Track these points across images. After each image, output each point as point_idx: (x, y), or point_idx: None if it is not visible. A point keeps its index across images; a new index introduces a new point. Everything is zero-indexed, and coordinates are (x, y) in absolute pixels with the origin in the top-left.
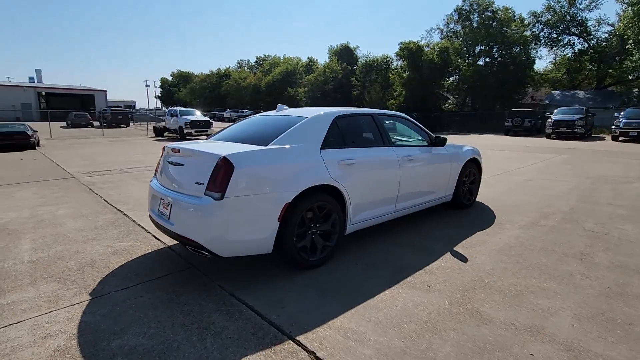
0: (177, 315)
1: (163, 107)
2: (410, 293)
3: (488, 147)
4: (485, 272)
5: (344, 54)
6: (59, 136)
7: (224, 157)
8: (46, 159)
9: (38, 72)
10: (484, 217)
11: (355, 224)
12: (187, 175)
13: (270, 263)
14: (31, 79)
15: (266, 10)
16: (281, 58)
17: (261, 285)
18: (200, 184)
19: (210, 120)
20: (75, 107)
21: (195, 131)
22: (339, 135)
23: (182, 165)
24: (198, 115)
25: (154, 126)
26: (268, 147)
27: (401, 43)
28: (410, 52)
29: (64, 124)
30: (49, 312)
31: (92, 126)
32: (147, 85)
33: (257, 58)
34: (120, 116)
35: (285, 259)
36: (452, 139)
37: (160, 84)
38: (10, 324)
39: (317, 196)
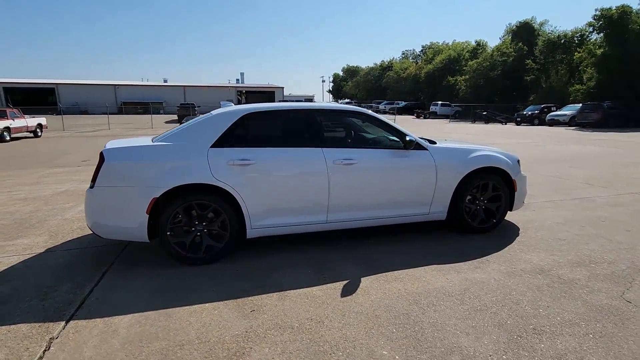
0: None
1: (332, 100)
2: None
3: None
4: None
5: (522, 32)
6: None
7: (101, 151)
8: None
9: (242, 74)
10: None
11: (262, 229)
12: None
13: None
14: (237, 80)
15: None
16: (450, 43)
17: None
18: None
19: None
20: (263, 101)
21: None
22: (244, 134)
23: None
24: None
25: None
26: (151, 144)
27: (598, 10)
28: (610, 21)
29: None
30: None
31: None
32: (323, 81)
33: (422, 47)
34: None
35: (164, 251)
36: None
37: (332, 78)
38: None
39: (197, 195)
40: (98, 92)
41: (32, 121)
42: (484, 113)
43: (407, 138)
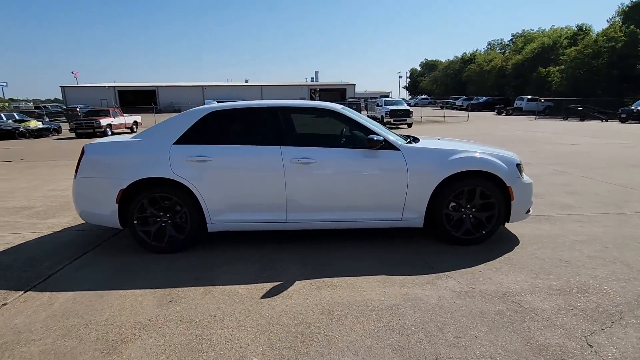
0: None
1: (408, 97)
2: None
3: None
4: None
5: (636, 13)
6: None
7: (83, 145)
8: None
9: (316, 72)
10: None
11: (222, 224)
12: None
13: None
14: (312, 78)
15: None
16: (547, 29)
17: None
18: None
19: (410, 110)
20: (336, 99)
21: (395, 120)
22: (205, 132)
23: None
24: (401, 105)
25: (367, 116)
26: (123, 139)
27: None
28: None
29: None
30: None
31: None
32: (400, 77)
33: (512, 35)
34: (354, 106)
35: (132, 238)
36: None
37: (409, 74)
38: None
39: (160, 188)
40: (189, 93)
41: (129, 119)
42: (580, 109)
43: (371, 137)
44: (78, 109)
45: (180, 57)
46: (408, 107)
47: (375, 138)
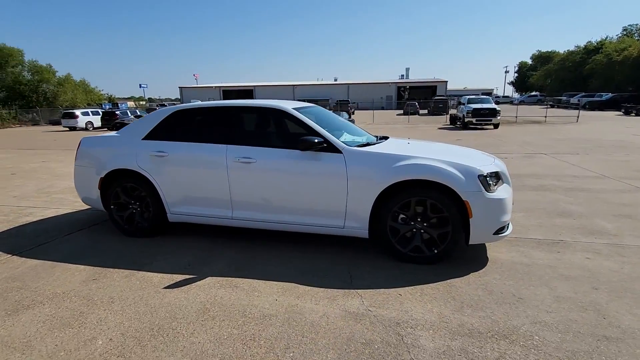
0: None
1: (515, 94)
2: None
3: None
4: None
5: None
6: (380, 121)
7: (81, 138)
8: None
9: (407, 70)
10: None
11: (179, 215)
12: None
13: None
14: (402, 76)
15: None
16: None
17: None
18: None
19: (497, 109)
20: (427, 97)
21: (477, 120)
22: (169, 129)
23: None
24: (487, 103)
25: (450, 114)
26: (111, 134)
27: None
28: None
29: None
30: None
31: (419, 114)
32: (507, 72)
33: None
34: (441, 105)
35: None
36: None
37: (517, 68)
38: None
39: (129, 179)
40: (281, 92)
41: None
42: None
43: (303, 138)
44: (117, 113)
45: (274, 58)
46: (494, 106)
47: (307, 139)
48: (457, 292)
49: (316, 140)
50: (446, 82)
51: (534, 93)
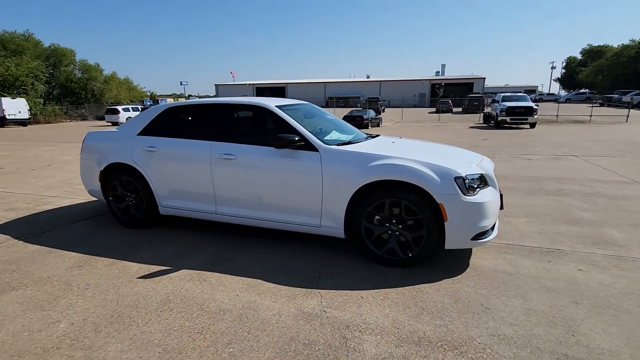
0: None
1: (562, 91)
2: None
3: None
4: None
5: None
6: (409, 119)
7: (86, 133)
8: None
9: (443, 66)
10: None
11: (168, 209)
12: None
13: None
14: (437, 72)
15: None
16: None
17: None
18: None
19: (534, 107)
20: (463, 94)
21: (511, 119)
22: (163, 125)
23: None
24: (523, 101)
25: (483, 112)
26: (112, 130)
27: None
28: None
29: (434, 109)
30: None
31: (452, 112)
32: (553, 68)
33: None
34: (476, 102)
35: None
36: None
37: (565, 64)
38: None
39: (125, 172)
40: (312, 89)
41: None
42: None
43: (279, 135)
44: (119, 109)
45: (306, 55)
46: (531, 104)
47: (283, 137)
48: (422, 298)
49: (293, 138)
50: (484, 78)
51: (582, 90)
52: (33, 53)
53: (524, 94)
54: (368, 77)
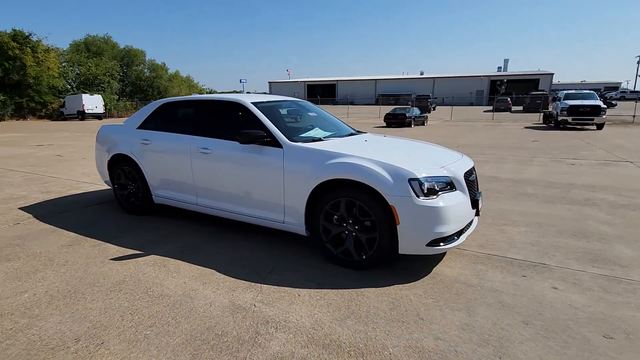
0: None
1: None
2: None
3: None
4: None
5: None
6: (459, 118)
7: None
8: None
9: (505, 61)
10: None
11: (160, 198)
12: None
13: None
14: (499, 68)
15: None
16: None
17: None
18: None
19: (601, 106)
20: (528, 91)
21: (573, 119)
22: (159, 119)
23: None
24: (589, 99)
25: (543, 112)
26: (119, 124)
27: None
28: None
29: (490, 108)
30: None
31: (511, 111)
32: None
33: None
34: (539, 100)
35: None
36: None
37: None
38: None
39: (126, 162)
40: (363, 86)
41: None
42: None
43: (242, 131)
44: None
45: (357, 53)
46: (599, 103)
47: (247, 132)
48: (359, 301)
49: (257, 134)
50: (551, 74)
51: None
52: (110, 54)
53: (591, 92)
54: (422, 73)
